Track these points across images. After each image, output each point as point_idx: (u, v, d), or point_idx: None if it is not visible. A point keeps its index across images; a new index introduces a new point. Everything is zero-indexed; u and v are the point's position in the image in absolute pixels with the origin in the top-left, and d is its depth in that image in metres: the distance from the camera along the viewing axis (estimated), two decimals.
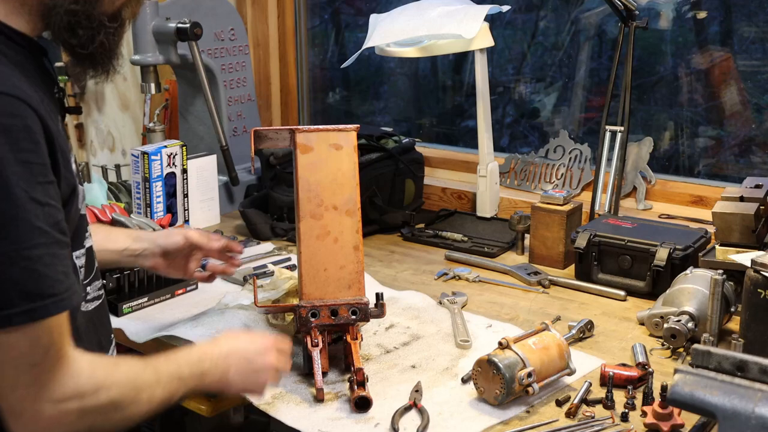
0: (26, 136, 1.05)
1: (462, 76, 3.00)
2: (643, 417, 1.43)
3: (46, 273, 1.06)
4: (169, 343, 1.69)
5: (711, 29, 2.48)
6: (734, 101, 2.44)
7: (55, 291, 1.07)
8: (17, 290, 1.04)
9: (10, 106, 1.04)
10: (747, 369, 0.99)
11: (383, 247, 2.32)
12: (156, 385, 1.21)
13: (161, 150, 2.28)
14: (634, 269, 1.96)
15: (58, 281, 1.07)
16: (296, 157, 1.61)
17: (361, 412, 1.45)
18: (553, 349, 1.52)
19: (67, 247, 1.13)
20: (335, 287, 1.58)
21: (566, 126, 2.69)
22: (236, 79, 2.68)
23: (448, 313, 1.86)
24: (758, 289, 1.52)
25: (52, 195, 1.09)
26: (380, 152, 2.47)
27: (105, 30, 1.19)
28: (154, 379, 1.21)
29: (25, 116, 1.05)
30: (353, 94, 3.34)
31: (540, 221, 2.15)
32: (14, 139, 1.04)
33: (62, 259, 1.10)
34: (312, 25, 3.23)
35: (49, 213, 1.07)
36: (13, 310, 1.04)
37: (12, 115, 1.04)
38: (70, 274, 1.11)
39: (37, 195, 1.05)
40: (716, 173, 2.50)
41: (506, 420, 1.44)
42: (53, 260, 1.07)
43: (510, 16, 2.78)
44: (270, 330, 1.74)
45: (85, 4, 1.17)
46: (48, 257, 1.06)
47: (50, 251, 1.07)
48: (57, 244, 1.09)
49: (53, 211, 1.08)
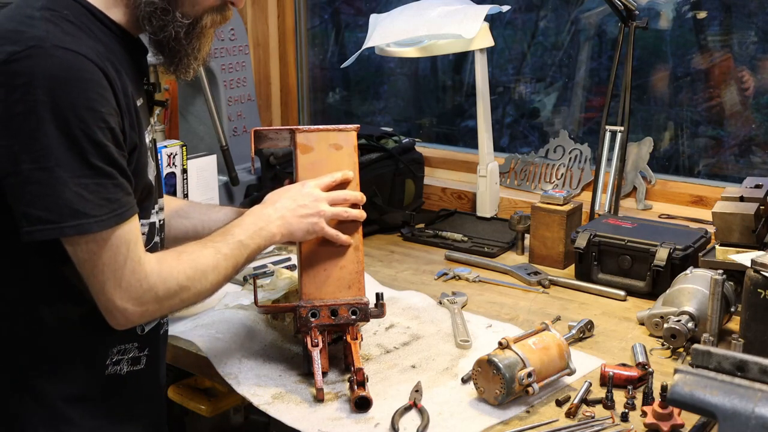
0: (93, 87, 1.23)
1: (462, 76, 3.00)
2: (643, 417, 1.43)
3: (91, 199, 1.24)
4: (169, 343, 1.70)
5: (711, 29, 2.48)
6: (734, 101, 2.44)
7: (95, 213, 1.24)
8: (69, 208, 1.22)
9: (80, 62, 1.23)
10: (747, 369, 0.99)
11: (383, 247, 2.32)
12: (219, 259, 1.41)
13: (161, 150, 2.28)
14: (634, 269, 1.96)
15: (98, 205, 1.24)
16: (296, 157, 1.61)
17: (361, 412, 1.45)
18: (553, 349, 1.52)
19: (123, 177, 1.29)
20: (335, 287, 1.58)
21: (566, 126, 2.69)
22: (236, 79, 2.68)
23: (448, 313, 1.86)
24: (758, 289, 1.52)
25: (111, 139, 1.26)
26: (380, 152, 2.47)
27: (176, 24, 1.36)
28: (215, 254, 1.41)
29: (92, 71, 1.24)
30: (353, 94, 3.34)
31: (540, 221, 2.15)
32: (83, 88, 1.22)
33: (110, 188, 1.26)
34: (312, 25, 3.23)
35: (105, 152, 1.25)
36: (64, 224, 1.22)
37: (81, 69, 1.23)
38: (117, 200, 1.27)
39: (96, 136, 1.23)
40: (716, 173, 2.50)
41: (506, 420, 1.44)
42: (99, 189, 1.25)
43: (510, 16, 2.78)
44: (270, 330, 1.74)
45: (165, 1, 1.35)
46: (95, 186, 1.24)
47: (98, 181, 1.24)
48: (107, 177, 1.26)
49: (109, 150, 1.26)
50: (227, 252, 1.43)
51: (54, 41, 1.22)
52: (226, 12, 1.42)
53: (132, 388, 1.44)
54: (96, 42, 1.29)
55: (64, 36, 1.24)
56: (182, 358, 1.69)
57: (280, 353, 1.66)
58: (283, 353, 1.66)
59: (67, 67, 1.21)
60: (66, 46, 1.22)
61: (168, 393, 2.01)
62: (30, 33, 1.22)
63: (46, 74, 1.20)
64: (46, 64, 1.20)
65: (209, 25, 1.41)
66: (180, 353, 1.69)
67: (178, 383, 2.00)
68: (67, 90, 1.21)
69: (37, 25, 1.24)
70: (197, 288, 1.39)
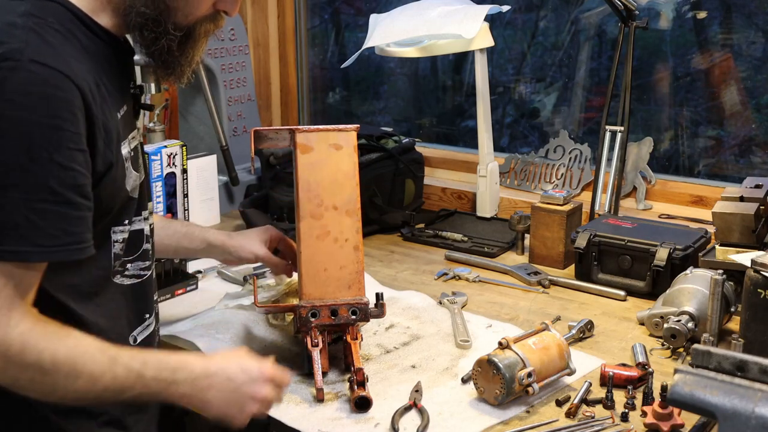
0: (64, 107, 1.17)
1: (462, 76, 3.00)
2: (643, 417, 1.43)
3: (43, 227, 1.16)
4: (169, 343, 1.70)
5: (711, 29, 2.48)
6: (734, 101, 2.44)
7: (43, 243, 1.16)
8: (14, 233, 1.14)
9: (56, 79, 1.16)
10: (747, 369, 0.99)
11: (383, 247, 2.32)
12: (105, 372, 1.20)
13: (161, 150, 2.28)
14: (634, 269, 1.96)
15: (50, 236, 1.16)
16: (296, 157, 1.61)
17: (361, 412, 1.45)
18: (553, 349, 1.52)
19: (85, 209, 1.21)
20: (335, 287, 1.58)
21: (566, 126, 2.69)
22: (236, 79, 2.68)
23: (448, 313, 1.86)
24: (758, 289, 1.52)
25: (80, 161, 1.19)
26: (380, 152, 2.47)
27: (168, 36, 1.31)
28: (105, 365, 1.20)
29: (67, 90, 1.17)
30: (353, 94, 3.34)
31: (540, 221, 2.15)
32: (53, 106, 1.16)
33: (70, 219, 1.18)
34: (312, 25, 3.23)
35: (70, 176, 1.17)
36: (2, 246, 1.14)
37: (56, 87, 1.16)
38: (75, 234, 1.19)
39: (61, 159, 1.16)
40: (716, 173, 2.50)
41: (506, 420, 1.44)
42: (56, 218, 1.17)
43: (510, 16, 2.78)
44: (270, 330, 1.74)
45: (156, 11, 1.29)
46: (51, 214, 1.16)
47: (56, 209, 1.17)
48: (69, 205, 1.18)
49: (76, 175, 1.18)
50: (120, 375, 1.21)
51: (31, 55, 1.16)
52: (218, 20, 1.38)
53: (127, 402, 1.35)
54: (80, 51, 1.24)
55: (45, 48, 1.18)
56: None
57: (280, 353, 1.66)
58: (283, 353, 1.66)
59: (41, 83, 1.15)
60: (43, 61, 1.16)
61: None
62: (8, 45, 1.16)
63: (17, 89, 1.14)
64: (19, 79, 1.14)
65: (202, 35, 1.36)
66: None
67: None
68: (36, 107, 1.15)
69: (17, 35, 1.17)
70: (58, 382, 1.18)
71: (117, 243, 1.34)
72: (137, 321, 1.42)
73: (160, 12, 1.29)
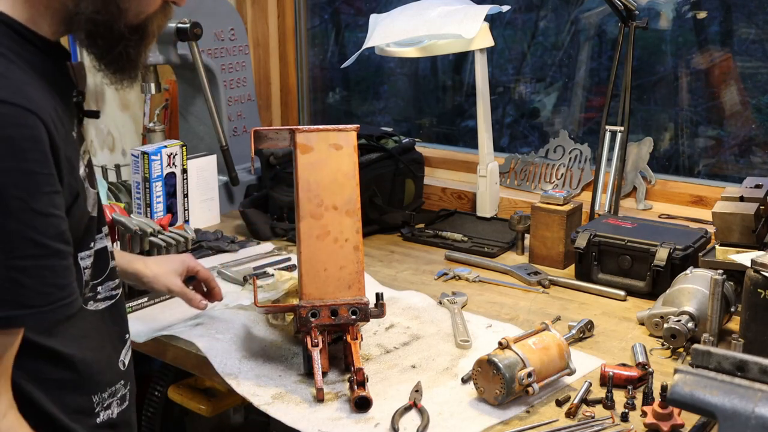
0: (33, 146, 1.04)
1: (462, 76, 3.00)
2: (643, 417, 1.43)
3: (31, 285, 1.05)
4: (169, 343, 1.70)
5: (711, 29, 2.48)
6: (734, 101, 2.44)
7: (33, 303, 1.06)
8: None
9: (18, 116, 1.03)
10: (747, 369, 0.99)
11: (383, 247, 2.32)
12: None
13: (161, 150, 2.28)
14: (634, 269, 1.96)
15: (41, 294, 1.07)
16: (296, 157, 1.61)
17: (361, 412, 1.45)
18: (553, 349, 1.52)
19: (69, 256, 1.12)
20: (335, 287, 1.58)
21: (566, 126, 2.69)
22: (236, 79, 2.68)
23: (448, 313, 1.86)
24: (758, 289, 1.52)
25: (58, 204, 1.08)
26: (380, 152, 2.47)
27: (125, 42, 1.19)
28: None
29: (32, 126, 1.04)
30: (353, 94, 3.34)
31: (540, 221, 2.15)
32: (20, 149, 1.03)
33: (58, 270, 1.09)
34: (312, 25, 3.23)
35: (51, 223, 1.07)
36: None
37: (19, 126, 1.03)
38: (65, 287, 1.10)
39: (38, 206, 1.05)
40: (716, 173, 2.50)
41: (506, 420, 1.44)
42: (43, 272, 1.07)
43: (510, 16, 2.78)
44: (270, 330, 1.74)
45: (108, 15, 1.15)
46: (37, 269, 1.06)
47: (42, 263, 1.06)
48: (56, 256, 1.08)
49: (57, 221, 1.08)
50: None
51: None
52: (168, 12, 1.25)
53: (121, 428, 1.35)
54: (29, 73, 1.10)
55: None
56: (182, 358, 1.69)
57: (280, 353, 1.66)
58: (283, 353, 1.66)
59: (1, 125, 1.01)
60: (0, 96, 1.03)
61: (168, 393, 2.01)
62: None
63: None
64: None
65: (156, 32, 1.24)
66: (180, 353, 1.69)
67: (178, 383, 2.00)
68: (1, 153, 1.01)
69: None
70: None
71: (86, 270, 1.24)
72: (120, 343, 1.37)
73: (111, 15, 1.15)
